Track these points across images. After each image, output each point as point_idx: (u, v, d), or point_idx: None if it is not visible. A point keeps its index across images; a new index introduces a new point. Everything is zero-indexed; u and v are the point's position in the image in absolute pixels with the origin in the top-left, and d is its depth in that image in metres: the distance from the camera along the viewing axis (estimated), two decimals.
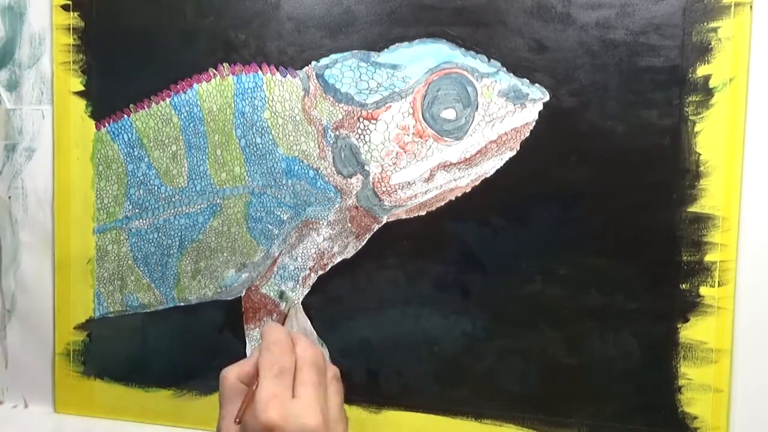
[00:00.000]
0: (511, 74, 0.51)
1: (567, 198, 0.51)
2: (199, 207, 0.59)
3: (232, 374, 0.43)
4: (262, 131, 0.56)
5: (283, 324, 0.56)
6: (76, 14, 0.61)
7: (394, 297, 0.55)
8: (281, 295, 0.54)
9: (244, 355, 0.59)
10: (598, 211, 0.51)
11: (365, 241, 0.56)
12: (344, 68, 0.54)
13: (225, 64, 0.57)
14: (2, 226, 0.64)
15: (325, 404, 0.42)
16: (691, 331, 0.50)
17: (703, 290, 0.49)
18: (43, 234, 0.63)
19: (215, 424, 0.60)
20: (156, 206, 0.60)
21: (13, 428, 0.63)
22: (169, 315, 0.61)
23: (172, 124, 0.59)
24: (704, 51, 0.48)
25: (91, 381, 0.63)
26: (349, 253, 0.56)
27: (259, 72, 0.56)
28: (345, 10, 0.54)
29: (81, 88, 0.61)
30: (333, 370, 0.45)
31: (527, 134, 0.51)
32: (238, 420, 0.41)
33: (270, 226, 0.57)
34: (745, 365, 0.49)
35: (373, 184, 0.55)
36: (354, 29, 0.54)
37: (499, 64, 0.52)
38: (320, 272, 0.57)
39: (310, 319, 0.58)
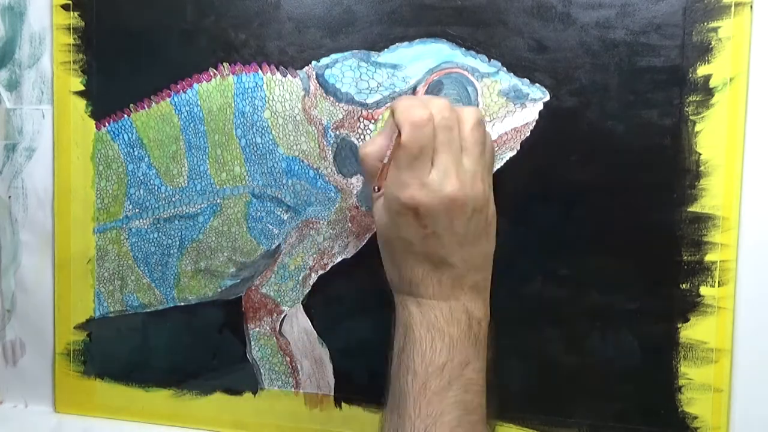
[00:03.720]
0: (512, 74, 0.51)
1: (567, 198, 0.51)
2: (199, 207, 0.59)
3: (371, 156, 0.44)
4: (263, 131, 0.56)
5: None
6: (76, 14, 0.60)
7: None
8: None
9: (244, 355, 0.59)
10: (598, 211, 0.51)
11: (365, 241, 0.56)
12: (344, 68, 0.54)
13: (225, 64, 0.57)
14: (2, 226, 0.64)
15: (461, 163, 0.42)
16: (691, 331, 0.50)
17: (704, 290, 0.49)
18: (43, 234, 0.63)
19: (215, 424, 0.61)
20: (156, 206, 0.60)
21: (13, 428, 0.63)
22: (169, 315, 0.61)
23: (172, 124, 0.59)
24: (704, 51, 0.48)
25: (91, 381, 0.63)
26: (350, 252, 0.56)
27: (259, 72, 0.56)
28: (345, 9, 0.54)
29: (81, 87, 0.61)
30: (473, 116, 0.44)
31: (527, 134, 0.51)
32: (377, 188, 0.43)
33: (270, 226, 0.57)
34: (745, 365, 0.49)
35: None
36: (354, 29, 0.54)
37: (500, 64, 0.52)
38: (320, 272, 0.57)
39: (310, 319, 0.58)
